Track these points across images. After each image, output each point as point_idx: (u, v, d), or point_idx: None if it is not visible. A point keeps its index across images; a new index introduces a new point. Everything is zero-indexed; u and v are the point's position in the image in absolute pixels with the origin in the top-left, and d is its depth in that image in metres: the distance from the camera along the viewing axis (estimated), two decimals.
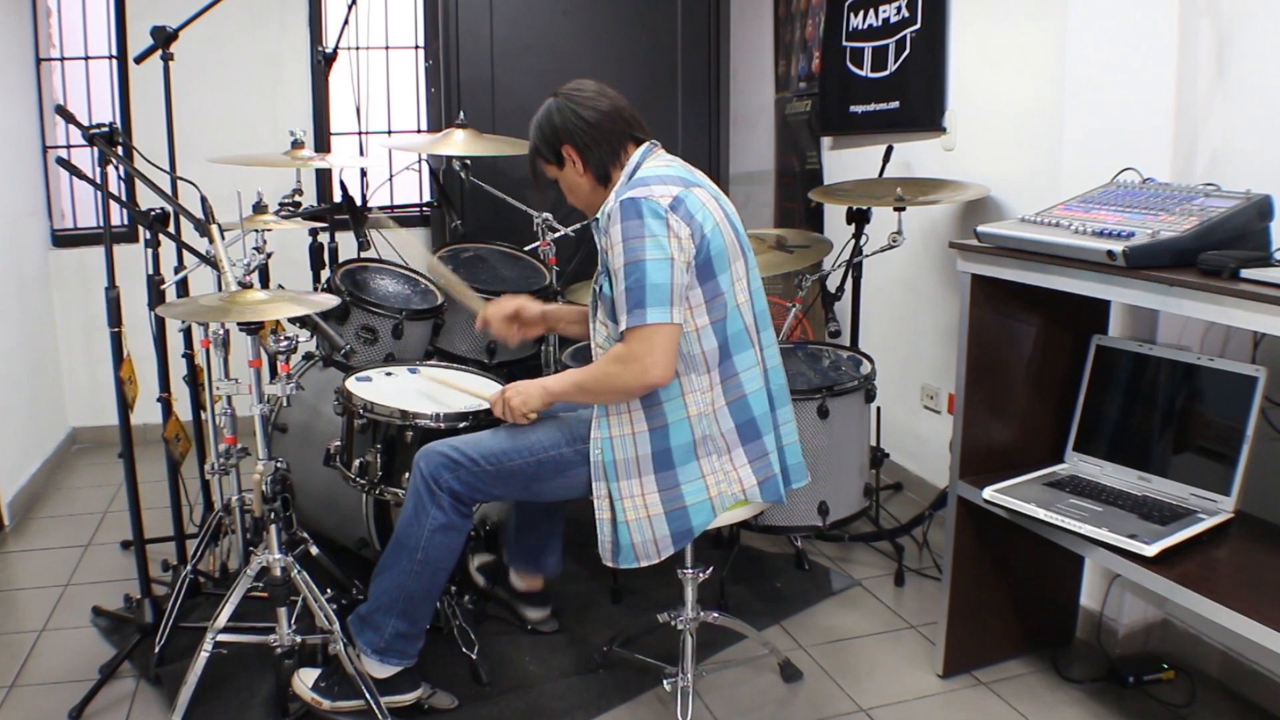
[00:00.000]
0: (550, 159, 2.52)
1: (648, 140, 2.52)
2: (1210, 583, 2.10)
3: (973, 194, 3.52)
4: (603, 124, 2.46)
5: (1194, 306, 2.09)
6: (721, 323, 2.37)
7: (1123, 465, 2.59)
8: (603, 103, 2.48)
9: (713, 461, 2.40)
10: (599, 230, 2.41)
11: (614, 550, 2.42)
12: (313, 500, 3.27)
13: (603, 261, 2.39)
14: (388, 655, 2.58)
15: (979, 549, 2.80)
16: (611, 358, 2.33)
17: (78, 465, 4.79)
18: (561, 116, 2.47)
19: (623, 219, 2.28)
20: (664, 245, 2.26)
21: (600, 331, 2.48)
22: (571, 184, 2.55)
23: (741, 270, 2.44)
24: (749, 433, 2.43)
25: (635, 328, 2.26)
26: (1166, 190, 2.43)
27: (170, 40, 3.31)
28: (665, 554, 2.41)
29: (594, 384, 2.38)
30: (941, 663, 2.86)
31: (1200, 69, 2.63)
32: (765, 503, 2.49)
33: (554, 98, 2.51)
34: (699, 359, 2.36)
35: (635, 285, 2.25)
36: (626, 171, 2.46)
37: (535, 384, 2.52)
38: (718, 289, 2.35)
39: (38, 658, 2.99)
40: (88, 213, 4.99)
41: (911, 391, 4.21)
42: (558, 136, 2.48)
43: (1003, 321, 2.70)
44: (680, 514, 2.38)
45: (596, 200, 2.51)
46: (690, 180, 2.41)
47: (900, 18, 3.95)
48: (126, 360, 2.89)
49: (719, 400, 2.40)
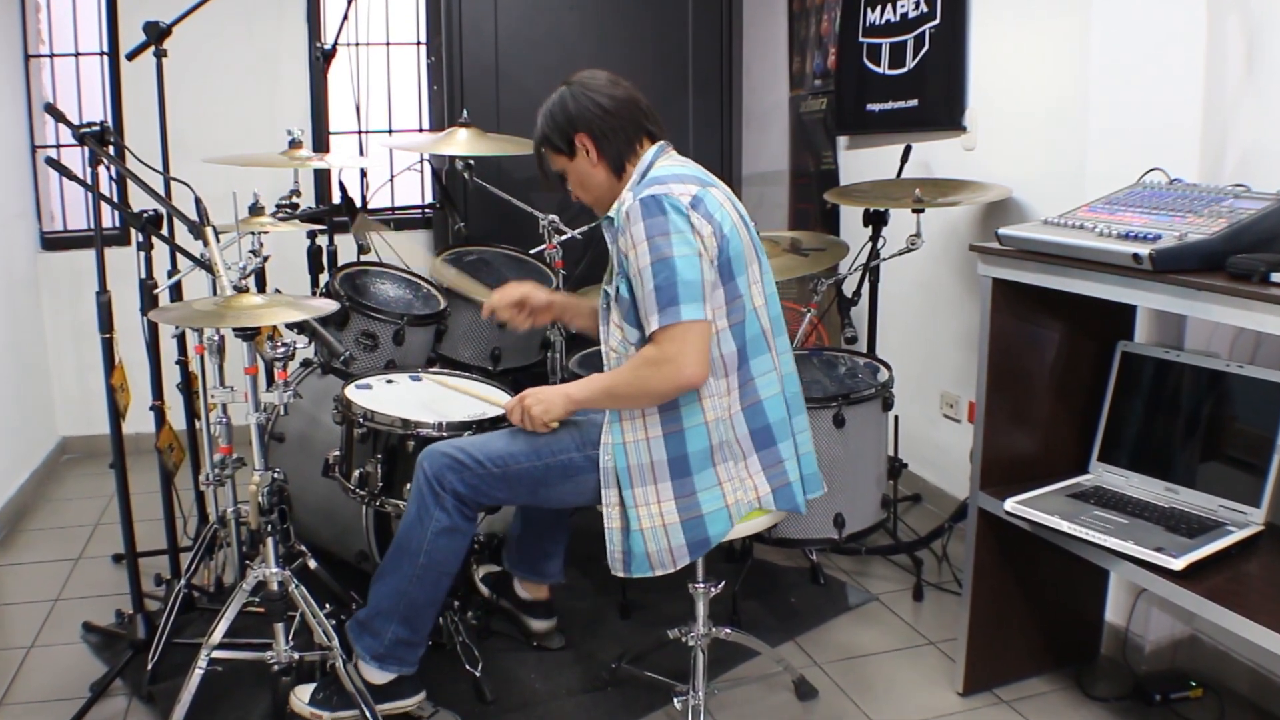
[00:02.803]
0: (561, 148, 2.51)
1: (662, 139, 2.52)
2: (1240, 597, 2.11)
3: (994, 195, 3.53)
4: (619, 112, 2.47)
5: (1223, 311, 2.09)
6: (740, 326, 2.38)
7: (1149, 476, 2.60)
8: (618, 91, 2.49)
9: (729, 468, 2.40)
10: (612, 231, 2.41)
11: (625, 560, 2.42)
12: (311, 512, 3.28)
13: (619, 263, 2.39)
14: (387, 662, 2.60)
15: (1000, 563, 2.81)
16: (643, 360, 2.31)
17: (68, 476, 4.82)
18: (576, 103, 2.47)
19: (644, 216, 2.28)
20: (690, 241, 2.26)
21: (614, 335, 2.46)
22: (583, 176, 2.53)
23: (757, 273, 2.45)
24: (764, 439, 2.43)
25: (668, 326, 2.25)
26: (1194, 191, 2.44)
27: (163, 36, 3.34)
28: (680, 564, 2.40)
29: (626, 388, 2.36)
30: (962, 680, 2.87)
31: (1229, 66, 2.64)
32: (781, 511, 2.49)
33: (566, 86, 2.51)
34: (717, 363, 2.36)
35: (665, 283, 2.24)
36: (639, 170, 2.47)
37: (558, 391, 2.50)
38: (737, 291, 2.36)
39: (26, 675, 3.01)
40: (78, 214, 5.03)
41: (930, 400, 4.22)
42: (572, 124, 2.47)
43: (1025, 327, 2.71)
44: (697, 523, 2.38)
45: (608, 195, 2.51)
46: (706, 180, 2.42)
47: (919, 13, 3.97)
48: (118, 367, 2.90)
49: (735, 405, 2.40)
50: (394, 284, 3.79)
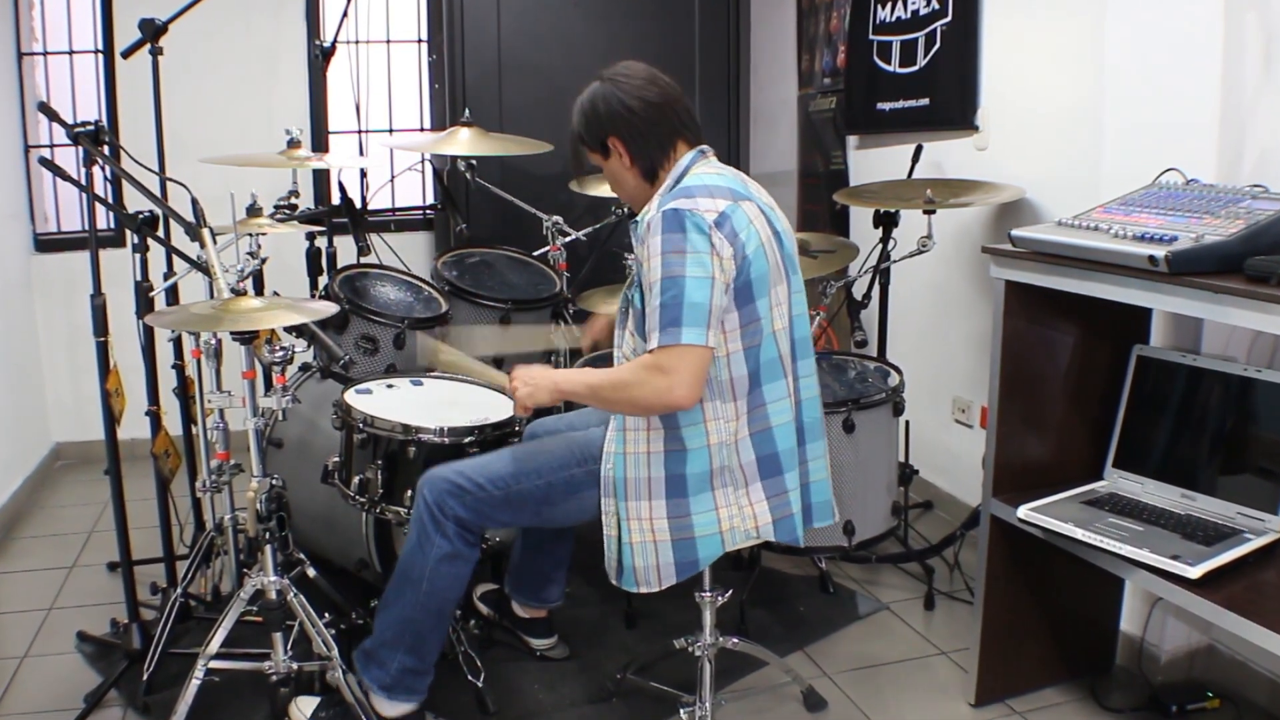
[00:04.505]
0: (594, 148, 2.48)
1: (700, 143, 2.48)
2: (1258, 606, 2.11)
3: (1007, 196, 3.54)
4: (651, 116, 2.41)
5: (1240, 315, 2.10)
6: (755, 349, 2.33)
7: (1165, 482, 2.61)
8: (651, 92, 2.42)
9: (728, 494, 2.37)
10: (637, 238, 2.37)
11: (617, 571, 2.42)
12: (310, 519, 3.29)
13: (637, 271, 2.36)
14: (395, 692, 2.60)
15: (1013, 571, 2.81)
16: (638, 365, 2.28)
17: (61, 482, 4.83)
18: (607, 105, 2.42)
19: (664, 230, 2.23)
20: (706, 263, 2.21)
21: (628, 343, 2.46)
22: (617, 176, 2.51)
23: (783, 295, 2.40)
24: (770, 468, 2.39)
25: (667, 346, 2.21)
26: (1211, 192, 2.44)
27: (159, 33, 3.35)
28: (666, 583, 2.38)
29: (612, 391, 2.33)
30: (974, 691, 2.87)
31: (1247, 64, 2.65)
32: (778, 541, 2.46)
33: (600, 82, 2.45)
34: (726, 386, 2.33)
35: (671, 302, 2.21)
36: (673, 176, 2.42)
37: (546, 377, 2.46)
38: (755, 314, 2.31)
39: (19, 686, 3.02)
40: (72, 215, 5.03)
41: (942, 404, 4.22)
42: (602, 126, 2.43)
43: (1038, 330, 2.71)
44: (688, 544, 2.36)
45: (641, 197, 2.47)
46: (740, 193, 2.37)
47: (930, 10, 3.98)
48: (113, 371, 2.92)
49: (743, 430, 2.36)
50: (394, 286, 3.80)
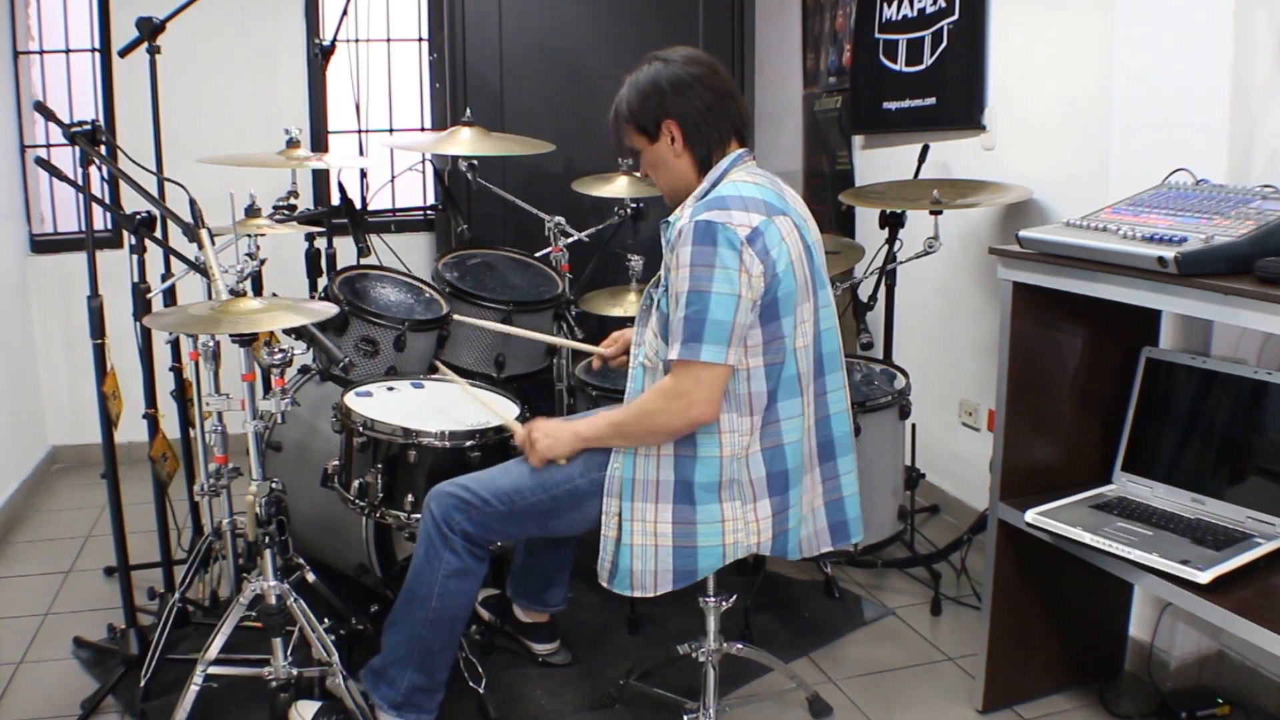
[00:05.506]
0: (645, 129, 2.43)
1: (748, 143, 2.47)
2: (1269, 611, 2.11)
3: (1014, 196, 3.54)
4: (715, 105, 2.38)
5: (1251, 316, 2.10)
6: (776, 367, 2.34)
7: (1175, 486, 2.61)
8: (717, 81, 2.40)
9: (735, 508, 2.38)
10: (666, 240, 2.36)
11: (611, 572, 2.42)
12: (309, 523, 3.29)
13: (665, 275, 2.35)
14: (405, 710, 2.61)
15: (1021, 576, 2.82)
16: (655, 393, 2.31)
17: (58, 486, 4.84)
18: (673, 87, 2.37)
19: (695, 241, 2.23)
20: (733, 280, 2.21)
21: (650, 342, 2.45)
22: (661, 161, 2.46)
23: (808, 312, 2.40)
24: (778, 485, 2.40)
25: (686, 362, 2.23)
26: (1221, 192, 2.44)
27: (157, 32, 3.36)
28: (663, 589, 2.39)
29: (634, 422, 2.36)
30: (981, 697, 2.87)
31: (1257, 63, 2.65)
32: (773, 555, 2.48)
33: (661, 63, 2.40)
34: (744, 400, 2.33)
35: (694, 317, 2.22)
36: (710, 178, 2.40)
37: (566, 429, 2.49)
38: (779, 332, 2.31)
39: (15, 692, 3.02)
40: (69, 216, 5.04)
41: (949, 407, 4.22)
42: (664, 108, 2.38)
43: (1046, 333, 2.71)
44: (689, 553, 2.37)
45: (683, 187, 2.44)
46: (776, 206, 2.34)
47: (937, 8, 3.98)
48: (110, 374, 2.92)
49: (755, 445, 2.37)
50: (395, 288, 3.80)
